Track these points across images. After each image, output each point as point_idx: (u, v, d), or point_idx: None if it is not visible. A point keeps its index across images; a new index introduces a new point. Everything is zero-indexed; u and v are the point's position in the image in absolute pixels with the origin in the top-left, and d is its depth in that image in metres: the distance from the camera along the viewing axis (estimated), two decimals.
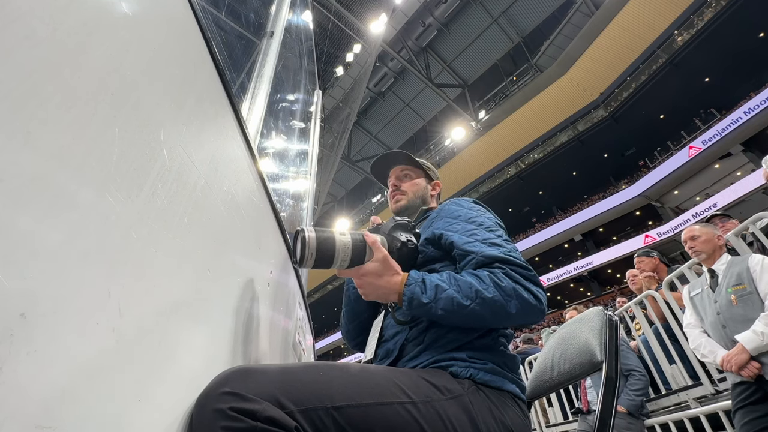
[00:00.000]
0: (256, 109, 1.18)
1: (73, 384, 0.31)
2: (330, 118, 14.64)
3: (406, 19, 17.71)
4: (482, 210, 0.91)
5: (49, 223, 0.31)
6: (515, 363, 0.78)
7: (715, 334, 1.95)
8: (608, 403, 0.70)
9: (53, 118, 0.32)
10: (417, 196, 1.06)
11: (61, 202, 0.32)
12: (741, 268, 1.89)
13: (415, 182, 1.08)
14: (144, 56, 0.46)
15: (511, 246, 0.81)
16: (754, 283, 1.82)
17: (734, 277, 1.89)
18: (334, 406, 0.55)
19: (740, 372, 1.76)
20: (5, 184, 0.27)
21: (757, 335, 1.72)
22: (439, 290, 0.72)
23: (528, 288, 0.73)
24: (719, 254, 2.02)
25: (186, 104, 0.55)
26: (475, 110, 20.60)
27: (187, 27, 0.60)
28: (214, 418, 0.46)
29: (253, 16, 1.74)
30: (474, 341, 0.76)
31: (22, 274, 0.28)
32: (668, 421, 2.53)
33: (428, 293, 0.72)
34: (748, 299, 1.81)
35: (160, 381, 0.43)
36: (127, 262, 0.39)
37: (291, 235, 1.04)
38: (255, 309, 0.77)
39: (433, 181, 1.12)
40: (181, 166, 0.50)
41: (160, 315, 0.44)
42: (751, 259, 1.88)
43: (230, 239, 0.67)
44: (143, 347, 0.40)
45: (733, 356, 1.78)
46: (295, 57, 2.52)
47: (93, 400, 0.33)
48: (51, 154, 0.31)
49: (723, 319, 1.90)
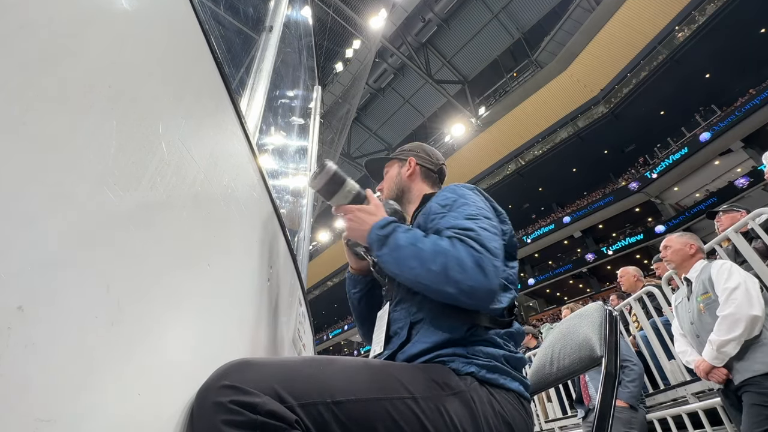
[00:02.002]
0: (255, 104, 1.17)
1: (72, 378, 0.31)
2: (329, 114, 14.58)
3: (405, 15, 17.62)
4: (475, 199, 0.86)
5: (47, 217, 0.30)
6: (519, 362, 0.76)
7: (693, 343, 1.98)
8: (608, 397, 0.71)
9: (50, 111, 0.32)
10: (391, 186, 1.07)
11: (59, 196, 0.32)
12: (705, 276, 1.90)
13: (388, 175, 1.10)
14: (142, 49, 0.46)
15: (480, 225, 0.76)
16: (714, 289, 1.82)
17: (701, 285, 1.90)
18: (335, 400, 0.55)
19: (709, 378, 1.81)
20: (2, 177, 0.27)
21: (709, 346, 1.77)
22: (393, 244, 0.76)
23: (472, 253, 0.69)
24: (693, 262, 2.02)
25: (185, 98, 0.55)
26: (475, 106, 20.55)
27: (186, 21, 0.59)
28: (215, 412, 0.46)
29: (251, 11, 1.73)
30: (470, 335, 0.74)
31: (19, 267, 0.28)
32: (666, 416, 2.55)
33: (384, 245, 0.77)
34: (713, 307, 1.81)
35: (160, 374, 0.43)
36: (126, 256, 0.39)
37: (291, 232, 1.07)
38: (255, 304, 0.77)
39: (407, 159, 1.09)
40: (180, 159, 0.50)
41: (160, 309, 0.44)
42: (713, 265, 1.88)
43: (230, 234, 0.67)
44: (142, 341, 0.40)
45: (699, 364, 1.84)
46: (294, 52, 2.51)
47: (92, 393, 0.33)
48: (48, 147, 0.31)
49: (696, 328, 1.92)
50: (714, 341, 1.73)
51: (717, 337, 1.72)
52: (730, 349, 1.70)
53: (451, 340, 0.74)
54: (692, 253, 2.03)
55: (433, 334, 0.76)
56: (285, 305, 1.08)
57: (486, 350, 0.73)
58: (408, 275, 0.72)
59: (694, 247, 2.04)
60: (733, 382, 1.73)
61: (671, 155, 15.66)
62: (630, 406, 2.44)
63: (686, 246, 2.05)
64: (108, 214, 0.36)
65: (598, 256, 17.93)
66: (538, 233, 19.74)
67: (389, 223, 0.79)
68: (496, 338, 0.76)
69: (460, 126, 19.24)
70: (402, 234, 0.76)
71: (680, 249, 2.05)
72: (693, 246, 2.04)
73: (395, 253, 0.74)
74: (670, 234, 2.19)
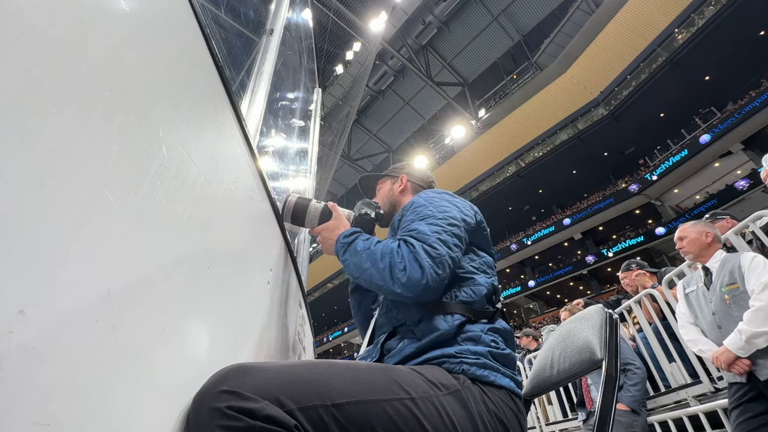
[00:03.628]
0: (255, 106, 1.17)
1: (72, 381, 0.31)
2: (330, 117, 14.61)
3: (406, 17, 17.66)
4: (442, 204, 0.90)
5: (48, 220, 0.30)
6: (509, 359, 0.78)
7: (711, 334, 1.93)
8: (608, 400, 0.70)
9: (51, 115, 0.32)
10: (385, 201, 1.15)
11: (60, 199, 0.32)
12: (733, 266, 1.86)
13: (381, 191, 1.18)
14: (143, 53, 0.46)
15: (429, 223, 0.83)
16: (744, 281, 1.79)
17: (727, 275, 1.86)
18: (334, 403, 0.55)
19: (730, 369, 1.76)
20: (4, 181, 0.27)
21: (737, 335, 1.73)
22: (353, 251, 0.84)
23: (411, 250, 0.76)
24: (712, 251, 1.99)
25: (185, 101, 0.55)
26: (475, 108, 20.58)
27: (187, 24, 0.60)
28: (212, 417, 0.46)
29: (252, 13, 1.73)
30: (456, 334, 0.76)
31: (20, 271, 0.28)
32: (667, 419, 2.54)
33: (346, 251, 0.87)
34: (741, 299, 1.78)
35: (159, 379, 0.43)
36: (126, 260, 0.39)
37: (291, 234, 1.09)
38: (254, 307, 0.77)
39: (399, 177, 1.17)
40: (180, 163, 0.50)
41: (159, 312, 0.44)
42: (743, 256, 1.85)
43: (230, 237, 0.67)
44: (142, 345, 0.40)
45: (720, 354, 1.79)
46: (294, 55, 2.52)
47: (92, 397, 0.33)
48: (49, 151, 0.31)
49: (718, 319, 1.88)
50: (745, 331, 1.69)
51: (749, 328, 1.68)
52: (762, 341, 1.67)
53: (437, 341, 0.76)
54: (709, 241, 2.00)
55: (420, 338, 0.78)
56: (285, 308, 1.08)
57: (473, 348, 0.75)
58: (365, 276, 0.80)
59: (711, 235, 2.01)
60: (756, 376, 1.70)
61: (671, 157, 15.68)
62: (632, 410, 2.43)
63: (702, 235, 2.01)
64: (109, 217, 0.37)
65: (598, 258, 17.94)
66: (539, 235, 19.74)
67: (352, 233, 0.89)
68: (481, 335, 0.77)
69: (460, 128, 19.26)
70: (361, 241, 0.85)
71: (696, 238, 2.02)
72: (709, 234, 2.01)
73: (355, 258, 0.83)
74: (683, 224, 2.15)
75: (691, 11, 14.38)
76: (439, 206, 0.88)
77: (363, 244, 0.84)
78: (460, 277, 0.84)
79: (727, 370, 1.78)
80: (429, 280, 0.74)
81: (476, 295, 0.82)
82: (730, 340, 1.75)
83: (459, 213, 0.89)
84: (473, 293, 0.82)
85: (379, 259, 0.78)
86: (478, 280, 0.84)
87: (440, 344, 0.76)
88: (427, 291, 0.74)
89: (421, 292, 0.74)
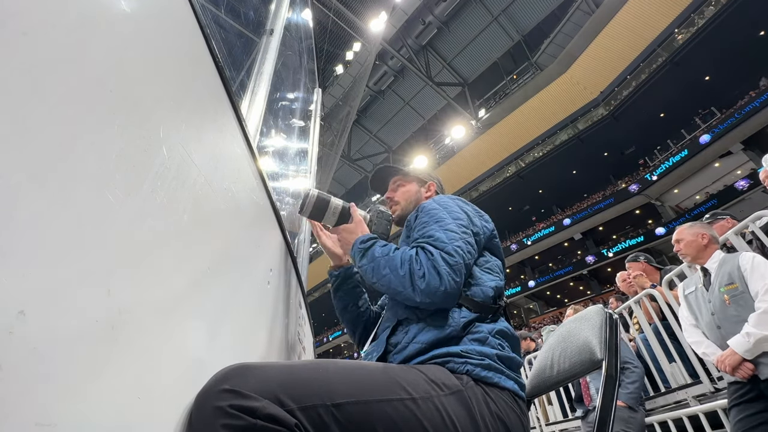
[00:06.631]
0: (255, 107, 1.17)
1: (73, 382, 0.31)
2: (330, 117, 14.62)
3: (406, 18, 17.66)
4: (449, 204, 0.93)
5: (48, 221, 0.30)
6: (514, 362, 0.78)
7: (711, 335, 1.93)
8: (608, 401, 0.71)
9: (52, 115, 0.32)
10: (409, 201, 1.14)
11: (60, 200, 0.32)
12: (732, 266, 1.85)
13: (407, 189, 1.16)
14: (143, 54, 0.46)
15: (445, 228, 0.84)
16: (746, 281, 1.78)
17: (726, 276, 1.86)
18: (334, 403, 0.55)
19: (734, 373, 1.76)
20: (4, 181, 0.27)
21: (744, 338, 1.72)
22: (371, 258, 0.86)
23: (436, 264, 0.77)
24: (710, 252, 1.99)
25: (185, 102, 0.55)
26: (475, 108, 20.59)
27: (187, 25, 0.60)
28: (214, 416, 0.46)
29: (252, 13, 1.73)
30: (462, 332, 0.77)
31: (20, 271, 0.28)
32: (667, 419, 2.54)
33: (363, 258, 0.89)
34: (741, 299, 1.78)
35: (160, 378, 0.43)
36: (127, 260, 0.39)
37: (291, 234, 1.09)
38: (255, 307, 0.77)
39: (427, 183, 1.17)
40: (180, 163, 0.50)
41: (160, 313, 0.44)
42: (742, 257, 1.84)
43: (230, 237, 0.67)
44: (143, 345, 0.40)
45: (726, 357, 1.78)
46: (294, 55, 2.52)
47: (93, 397, 0.33)
48: (50, 151, 0.31)
49: (717, 319, 1.88)
50: (754, 335, 1.68)
51: (759, 331, 1.67)
52: None
53: (443, 338, 0.76)
54: (705, 243, 2.00)
55: (425, 334, 0.78)
56: (285, 308, 1.08)
57: (479, 349, 0.75)
58: (383, 282, 0.81)
59: (707, 236, 2.01)
60: (758, 377, 1.69)
61: (671, 157, 15.67)
62: (629, 407, 2.43)
63: (698, 237, 2.02)
64: (109, 218, 0.37)
65: (598, 259, 17.93)
66: (539, 235, 19.74)
67: (369, 239, 0.91)
68: (489, 336, 0.78)
69: (460, 128, 19.28)
70: (379, 247, 0.87)
71: (693, 240, 2.02)
72: (705, 236, 2.01)
73: (372, 263, 0.85)
74: (680, 226, 2.15)
75: (691, 11, 14.38)
76: (454, 212, 0.90)
77: (381, 250, 0.86)
78: (469, 275, 0.86)
79: (732, 374, 1.77)
80: (447, 287, 0.75)
81: (483, 294, 0.83)
82: (737, 343, 1.74)
83: (478, 221, 0.93)
84: (481, 292, 0.84)
85: (399, 266, 0.79)
86: (486, 280, 0.86)
87: (446, 342, 0.76)
88: (446, 298, 0.76)
89: (440, 299, 0.75)
